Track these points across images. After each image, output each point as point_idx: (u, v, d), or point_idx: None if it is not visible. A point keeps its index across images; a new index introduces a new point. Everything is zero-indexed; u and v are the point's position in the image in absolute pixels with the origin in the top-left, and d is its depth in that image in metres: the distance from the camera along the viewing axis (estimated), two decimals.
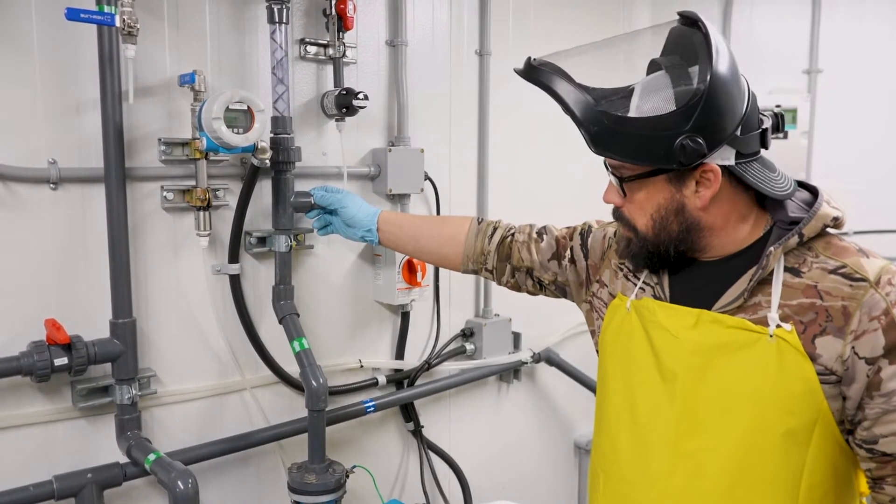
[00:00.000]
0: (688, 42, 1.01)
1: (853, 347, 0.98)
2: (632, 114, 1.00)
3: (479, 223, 1.49)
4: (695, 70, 0.98)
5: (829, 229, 1.06)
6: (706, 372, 1.05)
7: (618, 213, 1.14)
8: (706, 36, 0.98)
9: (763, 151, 1.07)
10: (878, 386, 0.98)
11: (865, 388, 0.99)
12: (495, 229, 1.47)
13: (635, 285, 1.19)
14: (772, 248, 1.02)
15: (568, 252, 1.37)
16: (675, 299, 1.12)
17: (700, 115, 0.96)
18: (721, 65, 0.97)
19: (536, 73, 1.06)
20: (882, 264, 1.01)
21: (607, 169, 1.11)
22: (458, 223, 1.51)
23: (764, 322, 1.01)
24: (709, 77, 0.96)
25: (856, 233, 2.68)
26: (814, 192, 1.08)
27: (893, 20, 2.73)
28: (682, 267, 1.13)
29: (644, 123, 0.98)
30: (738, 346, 1.02)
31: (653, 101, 0.99)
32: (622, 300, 1.19)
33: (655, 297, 1.15)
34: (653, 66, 1.04)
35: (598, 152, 1.02)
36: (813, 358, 0.99)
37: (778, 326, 1.00)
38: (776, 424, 1.00)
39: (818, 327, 0.99)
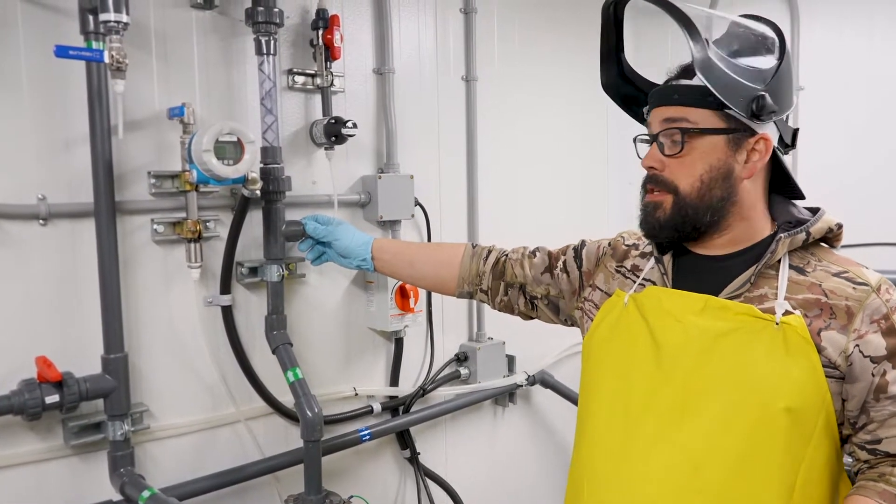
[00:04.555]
0: (761, 32, 1.11)
1: (857, 345, 1.01)
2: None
3: (474, 248, 1.52)
4: (768, 51, 1.09)
5: (827, 245, 1.12)
6: (711, 357, 1.05)
7: (655, 179, 1.13)
8: (779, 29, 1.11)
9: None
10: (885, 388, 1.01)
11: (873, 391, 1.01)
12: (490, 252, 1.51)
13: (634, 282, 1.21)
14: (781, 236, 1.06)
15: (560, 263, 1.40)
16: (678, 290, 1.14)
17: (774, 81, 1.06)
18: (787, 52, 1.10)
19: None
20: (880, 276, 1.06)
21: (648, 138, 1.14)
22: (452, 248, 1.54)
23: (770, 312, 1.04)
24: (785, 54, 1.08)
25: (842, 247, 2.70)
26: (814, 210, 1.14)
27: (871, 34, 2.78)
28: (686, 259, 1.16)
29: (736, 68, 1.06)
30: (746, 333, 1.04)
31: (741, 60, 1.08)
32: (620, 296, 1.21)
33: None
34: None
35: (700, 73, 1.04)
36: (818, 349, 1.01)
37: (786, 313, 1.02)
38: (780, 413, 1.01)
39: (823, 322, 1.02)
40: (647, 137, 1.16)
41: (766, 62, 1.08)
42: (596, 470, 1.15)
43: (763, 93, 1.04)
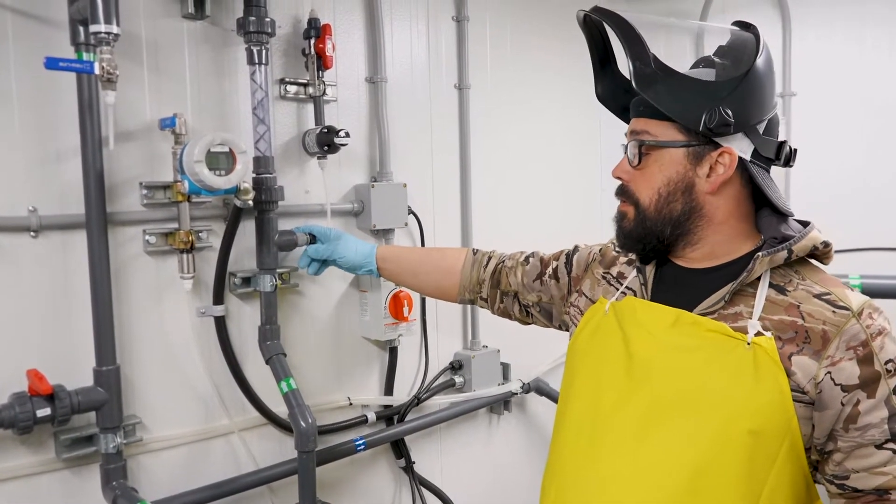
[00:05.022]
0: (739, 43, 1.09)
1: (829, 373, 0.97)
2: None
3: (475, 254, 1.52)
4: (739, 61, 1.06)
5: (816, 262, 1.09)
6: (679, 373, 1.03)
7: (622, 189, 1.15)
8: (757, 37, 1.08)
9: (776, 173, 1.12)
10: (855, 419, 0.98)
11: (843, 420, 0.98)
12: (490, 258, 1.51)
13: (617, 290, 1.20)
14: (760, 254, 1.03)
15: (550, 269, 1.40)
16: (656, 301, 1.12)
17: (735, 94, 1.02)
18: (762, 60, 1.06)
19: (604, 10, 1.10)
20: (865, 299, 1.02)
21: (624, 147, 1.14)
22: (454, 256, 1.54)
23: (743, 331, 1.01)
24: (752, 64, 1.04)
25: (835, 252, 2.70)
26: (805, 224, 1.10)
27: (862, 39, 2.79)
28: (667, 269, 1.14)
29: (685, 81, 1.04)
30: (715, 351, 1.02)
31: (699, 75, 1.07)
32: (602, 303, 1.20)
33: (637, 298, 1.15)
34: (703, 63, 1.11)
35: (638, 88, 1.03)
36: (788, 374, 0.98)
37: (758, 334, 1.00)
38: (744, 433, 0.98)
39: (796, 346, 0.99)
40: (624, 145, 1.16)
41: (729, 73, 1.06)
42: (564, 475, 1.14)
43: (717, 107, 1.01)
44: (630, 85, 1.19)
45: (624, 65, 1.20)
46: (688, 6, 2.84)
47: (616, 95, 1.23)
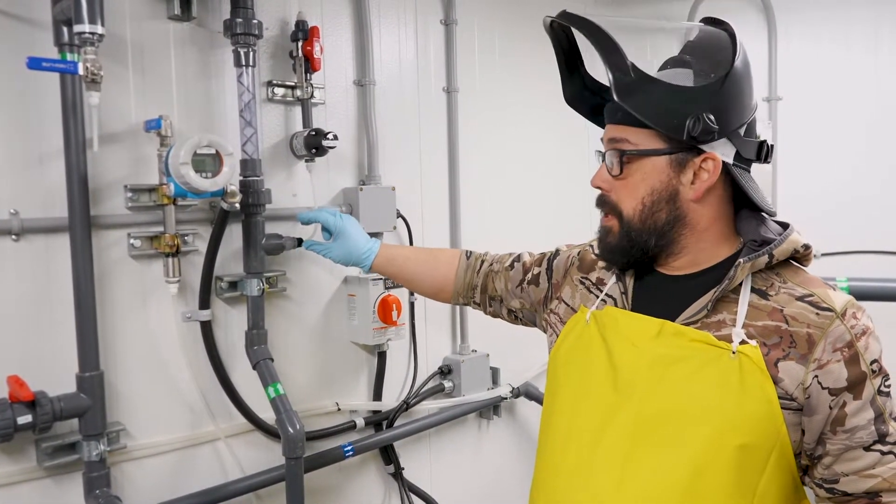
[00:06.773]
0: (713, 42, 1.07)
1: (816, 376, 0.96)
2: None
3: (468, 258, 1.50)
4: (716, 62, 1.03)
5: (797, 263, 1.07)
6: (665, 385, 1.01)
7: (602, 200, 1.11)
8: (732, 35, 1.05)
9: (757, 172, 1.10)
10: (843, 421, 0.97)
11: (830, 423, 0.97)
12: (482, 262, 1.49)
13: (597, 297, 1.18)
14: (741, 261, 1.01)
15: (530, 275, 1.38)
16: (637, 311, 1.10)
17: (716, 97, 1.00)
18: (741, 61, 1.03)
19: (575, 18, 1.07)
20: (848, 298, 1.01)
21: (600, 154, 1.10)
22: (448, 263, 1.51)
23: (728, 339, 0.99)
24: (731, 66, 1.01)
25: (823, 255, 2.73)
26: (784, 225, 1.09)
27: (847, 42, 2.81)
28: (648, 277, 1.12)
29: (666, 89, 1.01)
30: (700, 361, 1.00)
31: (675, 78, 1.03)
32: (583, 312, 1.17)
33: (618, 307, 1.13)
34: (674, 63, 1.08)
35: (619, 99, 1.00)
36: (775, 381, 0.97)
37: (742, 342, 0.98)
38: (732, 443, 0.97)
39: (782, 351, 0.98)
40: (601, 152, 1.12)
41: (707, 76, 1.03)
42: (552, 492, 1.11)
43: (700, 114, 0.98)
44: (599, 86, 1.17)
45: (591, 67, 1.18)
46: (674, 11, 2.86)
47: (584, 97, 1.21)
